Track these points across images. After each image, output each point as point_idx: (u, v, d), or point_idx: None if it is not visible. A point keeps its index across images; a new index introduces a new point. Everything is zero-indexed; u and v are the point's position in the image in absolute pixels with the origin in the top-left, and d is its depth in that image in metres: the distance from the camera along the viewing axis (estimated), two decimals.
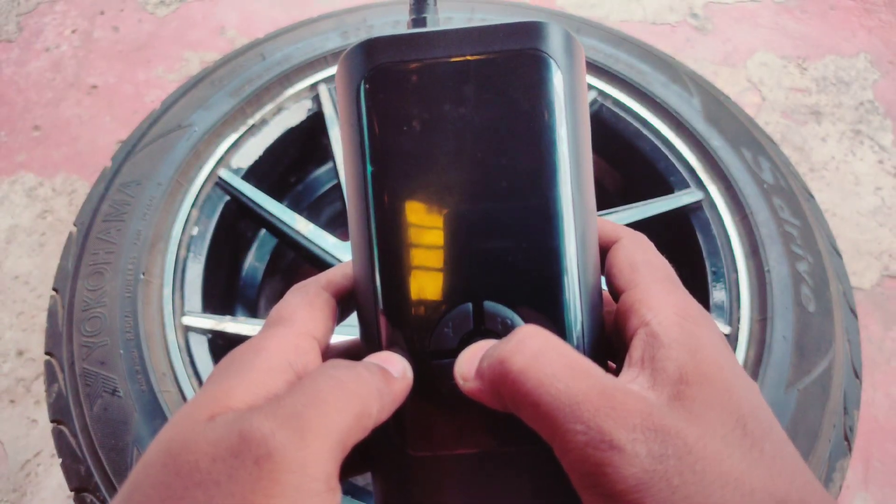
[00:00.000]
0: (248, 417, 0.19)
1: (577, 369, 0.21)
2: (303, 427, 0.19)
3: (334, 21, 0.79)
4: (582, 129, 0.25)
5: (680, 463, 0.19)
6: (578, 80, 0.25)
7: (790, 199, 0.68)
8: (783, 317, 0.60)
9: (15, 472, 0.89)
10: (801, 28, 1.38)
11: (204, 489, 0.18)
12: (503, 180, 0.24)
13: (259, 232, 0.86)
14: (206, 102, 0.72)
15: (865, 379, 0.96)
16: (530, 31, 0.24)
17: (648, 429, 0.19)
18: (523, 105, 0.24)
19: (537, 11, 0.81)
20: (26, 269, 1.06)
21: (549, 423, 0.20)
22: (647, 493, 0.18)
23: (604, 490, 0.19)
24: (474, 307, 0.24)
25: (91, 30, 1.36)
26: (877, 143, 1.22)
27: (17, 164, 1.18)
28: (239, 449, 0.18)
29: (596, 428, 0.19)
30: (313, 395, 0.20)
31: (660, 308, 0.23)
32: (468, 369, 0.23)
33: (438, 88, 0.24)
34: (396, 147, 0.24)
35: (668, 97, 0.74)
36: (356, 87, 0.24)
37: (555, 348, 0.21)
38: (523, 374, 0.21)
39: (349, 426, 0.20)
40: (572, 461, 0.20)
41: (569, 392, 0.20)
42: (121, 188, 0.67)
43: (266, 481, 0.18)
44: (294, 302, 0.25)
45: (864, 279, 1.06)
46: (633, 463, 0.19)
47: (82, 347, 0.58)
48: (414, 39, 0.24)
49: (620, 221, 0.68)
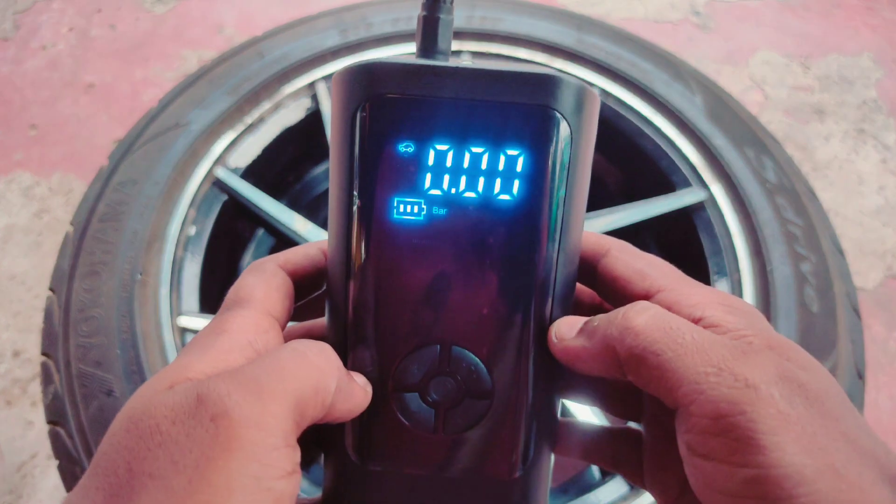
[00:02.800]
0: (205, 382, 0.20)
1: (697, 327, 0.21)
2: (260, 388, 0.19)
3: (333, 19, 0.78)
4: (579, 191, 0.25)
5: (808, 413, 0.18)
6: (586, 139, 0.24)
7: (793, 199, 0.67)
8: (786, 317, 0.60)
9: (11, 474, 0.88)
10: (803, 26, 1.38)
11: (164, 448, 0.18)
12: (490, 236, 0.24)
13: (257, 231, 0.85)
14: (203, 101, 0.72)
15: (869, 380, 0.96)
16: (544, 85, 0.23)
17: (778, 375, 0.19)
18: (524, 162, 0.23)
19: (540, 9, 0.80)
20: (23, 269, 1.06)
21: (674, 369, 0.20)
22: (786, 437, 0.18)
23: (738, 433, 0.18)
24: (442, 350, 0.25)
25: (88, 28, 1.35)
26: (880, 141, 1.22)
27: (13, 163, 1.17)
28: (196, 410, 0.19)
29: (728, 369, 0.19)
30: (272, 362, 0.21)
31: (704, 304, 0.23)
32: (568, 331, 0.24)
33: (438, 129, 0.23)
34: (387, 185, 0.23)
35: (671, 95, 0.73)
36: (352, 113, 0.23)
37: (672, 314, 0.22)
38: (648, 326, 0.21)
39: (306, 394, 0.21)
40: (702, 404, 0.19)
41: (696, 341, 0.20)
42: (117, 187, 0.66)
43: (223, 437, 0.18)
44: (251, 281, 0.25)
45: (868, 279, 1.06)
46: (770, 404, 0.18)
47: (79, 348, 0.58)
48: (420, 72, 0.23)
49: (622, 220, 0.68)
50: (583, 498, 0.54)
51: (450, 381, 0.25)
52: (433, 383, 0.25)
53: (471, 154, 0.23)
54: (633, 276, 0.25)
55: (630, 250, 0.27)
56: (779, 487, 0.17)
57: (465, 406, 0.25)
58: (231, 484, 0.18)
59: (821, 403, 0.19)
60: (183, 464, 0.18)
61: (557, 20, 0.78)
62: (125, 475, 0.18)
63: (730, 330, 0.22)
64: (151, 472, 0.18)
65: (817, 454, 0.18)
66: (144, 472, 0.18)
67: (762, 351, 0.20)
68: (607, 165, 0.83)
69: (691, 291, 0.24)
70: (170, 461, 0.18)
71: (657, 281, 0.25)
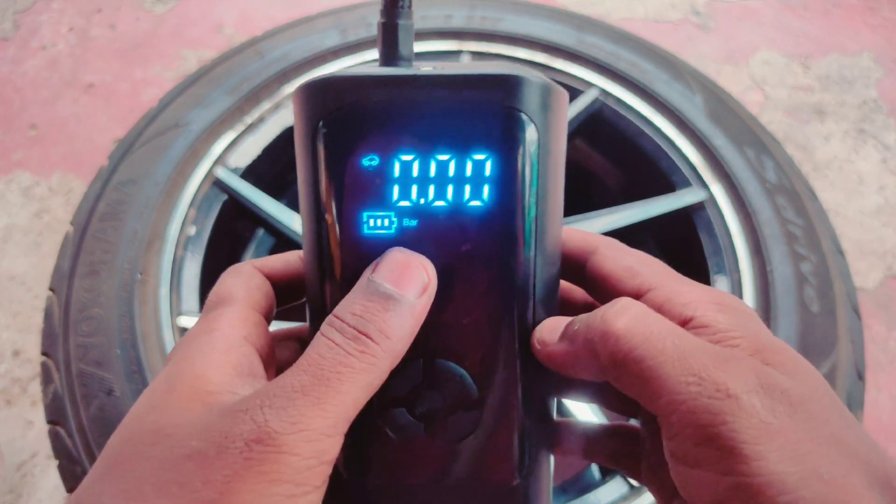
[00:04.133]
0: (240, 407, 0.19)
1: (680, 331, 0.21)
2: (300, 417, 0.19)
3: (333, 19, 0.78)
4: (553, 190, 0.24)
5: (792, 420, 0.18)
6: (556, 137, 0.23)
7: (793, 199, 0.67)
8: (786, 317, 0.60)
9: (11, 474, 0.88)
10: (803, 26, 1.38)
11: (195, 462, 0.19)
12: (464, 243, 0.23)
13: (257, 231, 0.85)
14: (203, 101, 0.72)
15: (869, 380, 0.96)
16: (507, 85, 0.22)
17: (759, 383, 0.19)
18: (492, 166, 0.22)
19: (540, 9, 0.80)
20: (22, 269, 1.06)
21: (655, 378, 0.20)
22: (769, 447, 0.18)
23: (720, 442, 0.18)
24: (425, 363, 0.24)
25: (88, 28, 1.35)
26: (880, 141, 1.21)
27: (13, 163, 1.17)
28: (230, 430, 0.19)
29: (709, 378, 0.19)
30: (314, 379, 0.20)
31: (695, 302, 0.23)
32: (550, 336, 0.23)
33: (401, 140, 0.22)
34: (355, 200, 0.23)
35: (671, 95, 0.73)
36: (312, 129, 0.23)
37: (655, 314, 0.22)
38: (629, 331, 0.21)
39: (357, 400, 0.20)
40: (683, 414, 0.19)
41: (677, 347, 0.20)
42: (117, 187, 0.66)
43: (257, 460, 0.18)
44: (231, 282, 0.25)
45: (868, 279, 1.06)
46: (752, 413, 0.18)
47: (79, 348, 0.58)
48: (377, 83, 0.22)
49: (622, 220, 0.68)
50: (583, 498, 0.54)
51: (436, 394, 0.24)
52: (419, 397, 0.24)
53: (437, 162, 0.22)
54: (622, 275, 0.25)
55: (619, 247, 0.26)
56: (762, 495, 0.17)
57: (454, 418, 0.24)
58: (261, 501, 0.18)
59: (805, 408, 0.19)
60: (213, 479, 0.18)
61: (557, 20, 0.78)
62: (152, 480, 0.19)
63: (720, 331, 0.21)
64: (181, 481, 0.18)
65: (801, 460, 0.18)
66: (173, 480, 0.18)
67: (744, 358, 0.20)
68: (607, 165, 0.83)
69: (682, 289, 0.23)
70: (200, 474, 0.18)
71: (648, 279, 0.24)
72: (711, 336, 0.21)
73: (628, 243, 0.27)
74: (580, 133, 0.78)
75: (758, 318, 0.23)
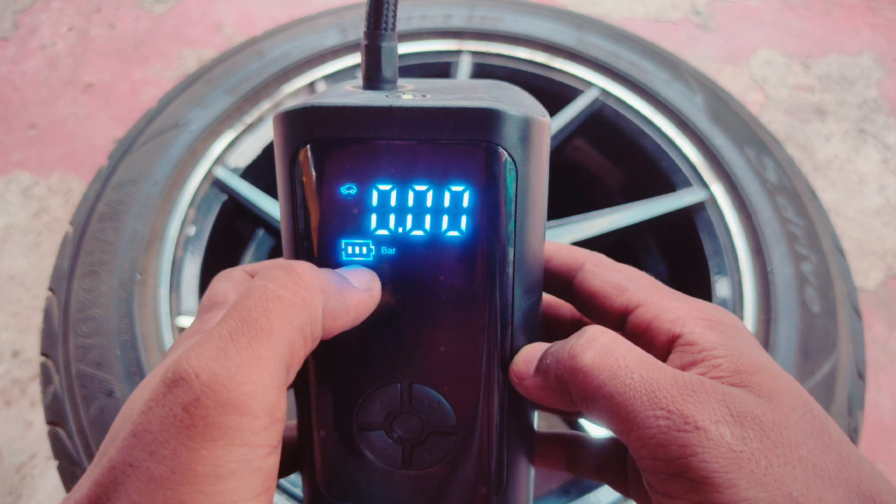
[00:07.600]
0: (173, 364, 0.18)
1: (649, 361, 0.21)
2: (233, 366, 0.18)
3: (333, 18, 0.78)
4: (532, 222, 0.24)
5: (763, 446, 0.18)
6: (535, 170, 0.23)
7: (794, 199, 0.67)
8: (787, 318, 0.60)
9: (10, 475, 0.88)
10: (804, 26, 1.37)
11: (139, 438, 0.18)
12: (441, 273, 0.23)
13: (257, 231, 0.85)
14: (203, 100, 0.71)
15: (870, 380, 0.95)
16: (484, 120, 0.22)
17: (728, 413, 0.19)
18: (469, 198, 0.23)
19: (540, 8, 0.80)
20: (22, 269, 1.05)
21: (624, 413, 0.20)
22: (739, 474, 0.18)
23: (692, 474, 0.18)
24: (402, 388, 0.25)
25: (87, 27, 1.35)
26: (881, 141, 1.21)
27: (12, 163, 1.17)
28: (165, 398, 0.18)
29: (677, 412, 0.19)
30: (241, 321, 0.19)
31: (683, 319, 0.23)
32: (525, 369, 0.23)
33: (379, 171, 0.22)
34: (333, 228, 0.23)
35: (671, 95, 0.73)
36: (292, 157, 0.23)
37: (623, 343, 0.22)
38: (596, 366, 0.21)
39: (292, 342, 0.19)
40: (653, 448, 0.19)
41: (644, 381, 0.20)
42: (117, 187, 0.66)
43: (200, 426, 0.17)
44: (222, 286, 0.26)
45: (869, 279, 1.06)
46: (721, 444, 0.18)
47: (78, 348, 0.58)
48: (358, 114, 0.22)
49: (622, 220, 0.68)
50: (584, 498, 0.54)
51: (413, 418, 0.25)
52: (397, 421, 0.25)
53: (415, 193, 0.23)
54: (610, 291, 0.25)
55: (605, 263, 0.26)
56: None
57: (431, 441, 0.25)
58: (219, 471, 0.17)
59: (778, 433, 0.19)
60: (161, 454, 0.18)
61: (557, 19, 0.78)
62: (107, 465, 0.18)
63: (704, 349, 0.21)
64: (130, 461, 0.18)
65: (772, 486, 0.18)
66: (125, 461, 0.18)
67: (713, 388, 0.20)
68: (608, 165, 0.83)
69: (670, 305, 0.23)
70: (147, 451, 0.18)
71: (635, 295, 0.24)
72: (697, 354, 0.22)
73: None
74: (580, 133, 0.78)
75: (746, 332, 0.23)
